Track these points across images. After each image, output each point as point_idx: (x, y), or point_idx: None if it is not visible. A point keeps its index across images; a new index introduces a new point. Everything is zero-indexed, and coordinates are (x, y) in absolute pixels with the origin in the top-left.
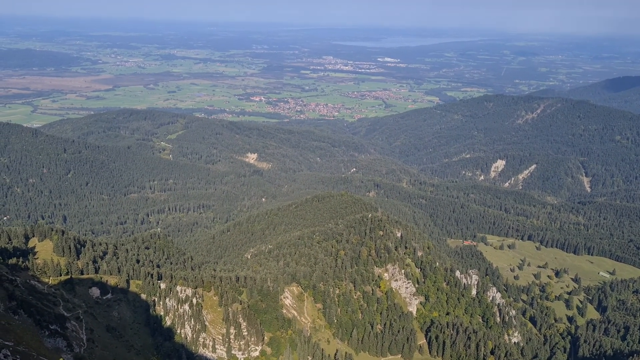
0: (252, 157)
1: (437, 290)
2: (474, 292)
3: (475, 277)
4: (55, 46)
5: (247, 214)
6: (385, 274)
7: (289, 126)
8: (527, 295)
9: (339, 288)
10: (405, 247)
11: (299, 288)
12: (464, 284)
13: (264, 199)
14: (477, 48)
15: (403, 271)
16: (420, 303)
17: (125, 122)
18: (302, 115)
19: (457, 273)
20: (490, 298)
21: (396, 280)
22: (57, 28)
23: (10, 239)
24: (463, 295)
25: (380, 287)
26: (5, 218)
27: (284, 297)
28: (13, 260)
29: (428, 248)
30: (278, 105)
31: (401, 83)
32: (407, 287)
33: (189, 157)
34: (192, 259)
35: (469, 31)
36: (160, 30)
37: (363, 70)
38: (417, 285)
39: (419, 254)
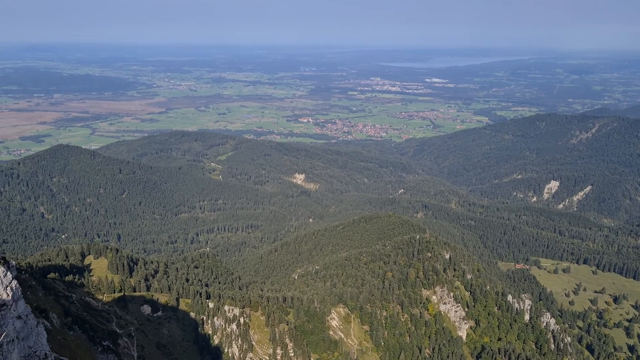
0: (299, 178)
1: (488, 314)
2: (526, 317)
3: (528, 302)
4: (113, 71)
5: (295, 234)
6: (434, 297)
7: (337, 147)
8: (584, 321)
9: (386, 310)
10: (454, 269)
11: (346, 309)
12: (517, 308)
13: (311, 220)
14: (528, 67)
15: (452, 294)
16: (470, 327)
17: (177, 143)
18: (349, 136)
19: (509, 297)
20: (544, 324)
21: (445, 303)
22: (115, 54)
23: (67, 257)
24: (515, 321)
25: (428, 309)
26: (63, 236)
27: (331, 319)
28: (70, 278)
29: (478, 271)
30: (326, 127)
31: (449, 103)
32: (456, 311)
33: (238, 178)
34: (240, 279)
35: (519, 50)
36: (211, 54)
37: (411, 90)
38: (466, 309)
39: (469, 276)
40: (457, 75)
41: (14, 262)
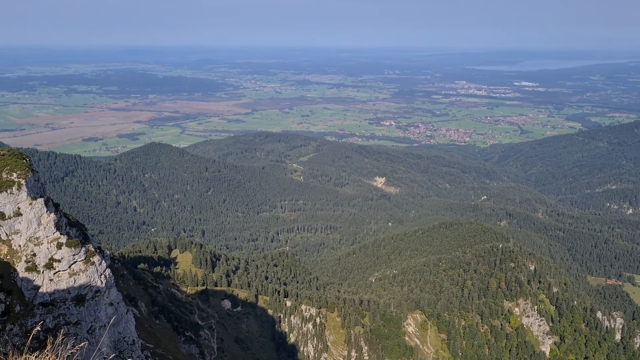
0: (380, 181)
1: (575, 331)
2: (618, 336)
3: (620, 320)
4: (203, 73)
5: (373, 238)
6: (516, 309)
7: (418, 151)
8: None
9: (464, 319)
10: (539, 282)
11: (423, 316)
12: (606, 326)
13: (390, 224)
14: (628, 70)
15: (536, 307)
16: (555, 343)
17: (261, 144)
18: (432, 140)
19: (599, 314)
20: (638, 345)
21: (528, 316)
22: (206, 57)
23: (156, 249)
24: (605, 340)
25: (510, 322)
26: (153, 230)
27: (407, 324)
28: (157, 269)
29: (565, 284)
30: (408, 130)
31: (539, 108)
32: (540, 325)
33: (319, 179)
34: (317, 279)
35: (618, 52)
36: (297, 56)
37: (498, 94)
38: (551, 324)
39: (555, 290)
40: (549, 78)
41: (108, 252)
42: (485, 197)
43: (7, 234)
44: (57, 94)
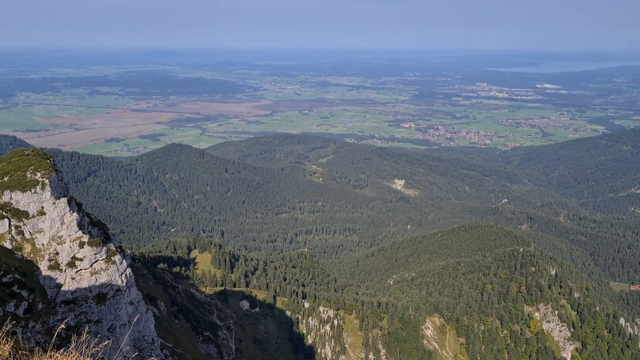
0: (399, 184)
1: (597, 337)
2: None
3: None
4: (224, 75)
5: (392, 240)
6: (537, 314)
7: (438, 153)
8: None
9: (484, 324)
10: (560, 287)
11: (441, 319)
12: (630, 333)
13: (409, 226)
14: None
15: (557, 312)
16: (576, 349)
17: (280, 145)
18: (452, 143)
19: (622, 320)
20: None
21: (549, 321)
22: (227, 58)
23: (175, 249)
24: (628, 347)
25: (530, 327)
26: (172, 230)
27: (425, 328)
28: (177, 269)
29: (587, 289)
30: (428, 132)
31: (561, 110)
32: (560, 331)
33: (338, 181)
34: (335, 281)
35: None
36: (317, 58)
37: (519, 97)
38: (572, 330)
39: (576, 295)
40: (572, 81)
41: (128, 252)
42: (505, 200)
43: (30, 233)
44: (80, 95)
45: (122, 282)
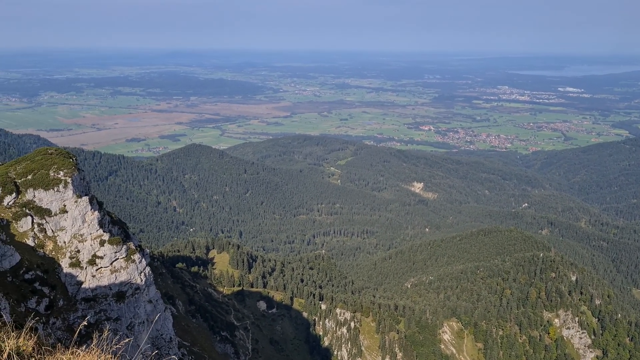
0: (418, 187)
1: (618, 345)
2: None
3: None
4: (244, 76)
5: (410, 243)
6: (556, 320)
7: (458, 156)
8: None
9: (502, 329)
10: (581, 293)
11: (459, 324)
12: None
13: (427, 229)
14: None
15: (577, 319)
16: (597, 357)
17: (299, 147)
18: (471, 146)
19: None
20: None
21: (568, 328)
22: (247, 60)
23: (194, 249)
24: None
25: (549, 333)
26: (191, 230)
27: (443, 332)
28: (195, 269)
29: (608, 297)
30: (447, 135)
31: (584, 114)
32: (581, 338)
33: (356, 183)
34: (352, 283)
35: None
36: (336, 60)
37: (541, 100)
38: (593, 337)
39: (597, 302)
40: (595, 84)
41: (148, 251)
42: (526, 204)
43: (52, 230)
44: (103, 96)
45: (141, 280)
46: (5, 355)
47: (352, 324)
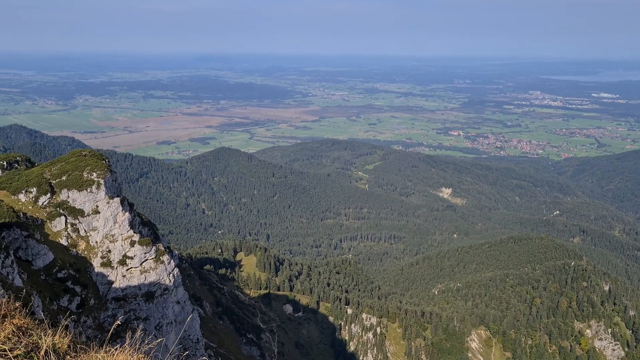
0: (446, 192)
1: None
2: None
3: None
4: (273, 80)
5: (438, 249)
6: (588, 331)
7: (488, 162)
8: None
9: (531, 338)
10: (614, 304)
11: (487, 332)
12: None
13: (455, 235)
14: None
15: (610, 330)
16: None
17: (327, 151)
18: (502, 152)
19: None
20: None
21: (601, 339)
22: (277, 64)
23: (222, 251)
24: None
25: (580, 344)
26: (219, 232)
27: (470, 340)
28: (222, 271)
29: None
30: (477, 141)
31: (619, 121)
32: (614, 350)
33: (384, 188)
34: (379, 288)
35: None
36: (366, 65)
37: (574, 106)
38: (626, 349)
39: (631, 313)
40: (630, 90)
41: (176, 252)
42: (557, 212)
43: (85, 230)
44: (135, 99)
45: (170, 281)
46: (42, 352)
47: (378, 330)
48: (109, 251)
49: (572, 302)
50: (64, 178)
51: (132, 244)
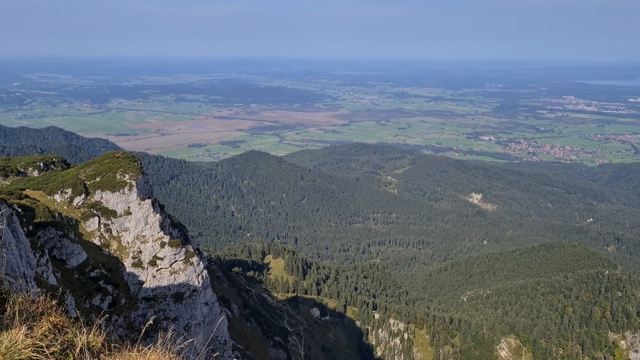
0: (476, 198)
1: None
2: None
3: None
4: (303, 84)
5: (467, 255)
6: (622, 342)
7: (519, 168)
8: None
9: (563, 348)
10: None
11: (517, 341)
12: None
13: (485, 242)
14: None
15: None
16: None
17: (356, 155)
18: (534, 157)
19: None
20: None
21: (636, 350)
22: (307, 68)
23: (250, 254)
24: None
25: (614, 355)
26: (248, 234)
27: (500, 348)
28: (250, 273)
29: None
30: (508, 146)
31: None
32: None
33: (413, 193)
34: (407, 294)
35: None
36: (395, 69)
37: (609, 111)
38: None
39: None
40: None
41: (206, 254)
42: (591, 219)
43: (117, 231)
44: (167, 102)
45: (199, 282)
46: (77, 350)
47: (406, 335)
48: (140, 252)
49: (605, 312)
50: (97, 179)
51: (163, 245)
